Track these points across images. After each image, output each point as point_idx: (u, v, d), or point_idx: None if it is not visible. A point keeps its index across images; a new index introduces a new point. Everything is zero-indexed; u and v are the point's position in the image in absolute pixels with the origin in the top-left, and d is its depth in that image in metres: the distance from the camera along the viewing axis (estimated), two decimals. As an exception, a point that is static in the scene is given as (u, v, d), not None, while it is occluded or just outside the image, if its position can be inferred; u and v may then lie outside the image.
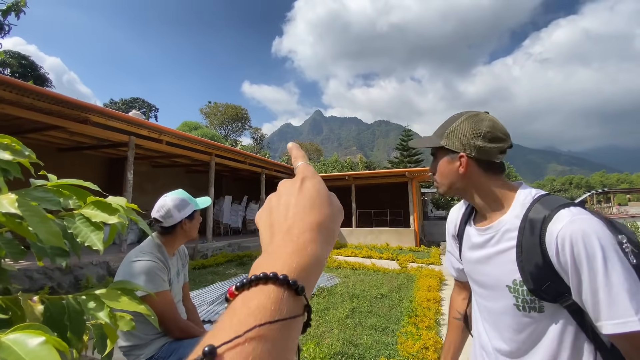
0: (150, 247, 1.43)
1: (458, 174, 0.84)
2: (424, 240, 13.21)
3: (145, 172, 11.19)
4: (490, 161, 0.81)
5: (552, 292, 0.70)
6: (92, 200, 0.50)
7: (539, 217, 0.72)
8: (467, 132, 0.82)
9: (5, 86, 4.73)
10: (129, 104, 39.01)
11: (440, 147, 0.87)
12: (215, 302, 4.40)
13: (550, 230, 0.69)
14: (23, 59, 19.92)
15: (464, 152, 0.82)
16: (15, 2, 4.79)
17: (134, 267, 1.31)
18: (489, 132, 0.80)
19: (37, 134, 7.08)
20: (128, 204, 0.55)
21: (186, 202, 1.50)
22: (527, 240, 0.73)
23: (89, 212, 0.49)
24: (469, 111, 0.86)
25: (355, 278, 6.08)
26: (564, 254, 0.66)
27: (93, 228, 0.47)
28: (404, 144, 34.41)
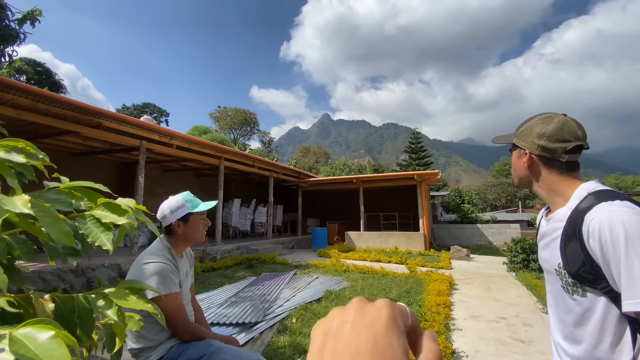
0: (160, 249, 1.44)
1: (524, 168, 0.96)
2: (433, 244, 13.06)
3: (156, 175, 11.37)
4: (554, 159, 0.89)
5: (589, 277, 0.76)
6: (102, 201, 0.51)
7: (585, 207, 0.79)
8: (534, 131, 0.92)
9: (21, 92, 4.89)
10: (141, 109, 39.77)
11: (513, 143, 0.99)
12: (224, 304, 4.42)
13: (586, 219, 0.77)
14: (38, 66, 20.52)
15: (529, 150, 0.93)
16: (31, 11, 4.97)
17: (146, 269, 1.32)
18: (554, 134, 0.88)
19: (52, 139, 7.28)
20: (137, 205, 0.56)
21: (181, 204, 1.50)
22: (570, 228, 0.81)
23: (99, 213, 0.50)
24: (545, 113, 0.95)
25: (364, 282, 6.04)
26: (594, 240, 0.73)
27: (103, 229, 0.49)
28: (413, 146, 34.19)
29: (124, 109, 39.57)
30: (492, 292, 5.73)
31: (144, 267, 1.34)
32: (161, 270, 1.33)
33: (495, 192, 33.12)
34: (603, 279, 0.74)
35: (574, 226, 0.79)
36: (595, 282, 0.75)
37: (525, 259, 7.70)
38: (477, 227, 14.86)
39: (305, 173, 15.36)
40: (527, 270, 7.46)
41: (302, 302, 4.55)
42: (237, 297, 4.77)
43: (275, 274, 6.56)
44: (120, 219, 0.48)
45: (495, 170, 47.18)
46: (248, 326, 3.67)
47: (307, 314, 4.12)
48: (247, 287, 5.49)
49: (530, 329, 3.92)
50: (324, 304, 4.54)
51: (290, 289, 5.33)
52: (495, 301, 5.12)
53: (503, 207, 31.09)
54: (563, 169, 0.89)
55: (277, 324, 3.81)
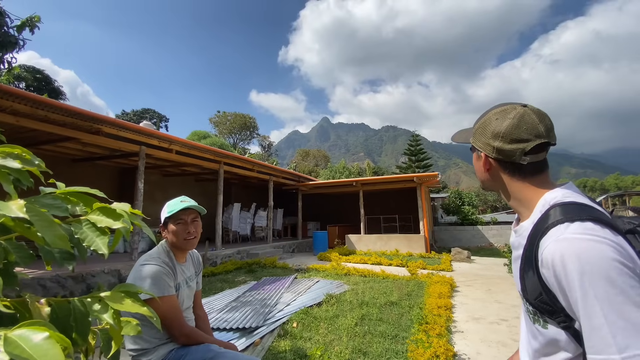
0: (159, 252, 1.46)
1: (484, 172, 0.83)
2: (434, 246, 13.03)
3: (156, 181, 11.39)
4: (513, 162, 0.76)
5: (547, 308, 0.66)
6: (98, 206, 0.52)
7: (542, 227, 0.68)
8: (488, 130, 0.78)
9: (20, 99, 4.91)
10: (140, 114, 39.87)
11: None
12: (224, 309, 4.40)
13: (540, 245, 0.66)
14: (37, 73, 20.60)
15: (484, 152, 0.80)
16: (30, 18, 4.99)
17: (141, 271, 1.35)
18: (509, 132, 0.74)
19: (51, 146, 7.30)
20: (132, 209, 0.56)
21: (164, 211, 1.54)
22: (528, 251, 0.70)
23: (95, 218, 0.50)
24: (502, 104, 0.80)
25: (365, 285, 6.02)
26: (548, 274, 0.63)
27: (98, 233, 0.49)
28: (412, 149, 34.23)
29: (123, 114, 39.69)
30: (494, 293, 5.71)
31: (139, 269, 1.37)
32: (155, 272, 1.35)
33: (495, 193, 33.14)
34: (561, 312, 0.63)
35: (531, 250, 0.68)
36: (553, 315, 0.65)
37: (526, 260, 7.69)
38: (478, 228, 14.85)
39: (304, 176, 15.38)
40: (528, 271, 7.46)
41: (303, 306, 4.53)
42: (237, 302, 4.76)
43: (275, 278, 6.54)
44: (116, 223, 0.49)
45: (494, 171, 47.15)
46: (249, 331, 3.65)
47: (307, 318, 4.11)
48: (247, 291, 5.47)
49: (532, 330, 3.91)
50: (324, 307, 4.53)
51: (291, 293, 5.31)
52: (496, 303, 5.10)
53: (503, 209, 31.06)
54: (526, 173, 0.76)
55: (278, 328, 3.80)
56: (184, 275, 1.55)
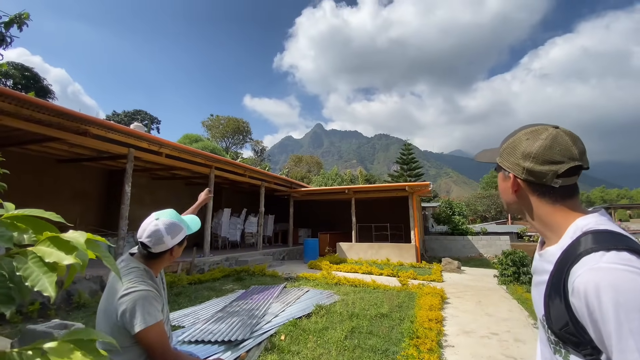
0: (141, 274, 1.29)
1: (510, 194, 0.80)
2: (425, 255, 13.02)
3: (144, 184, 11.15)
4: (544, 185, 0.73)
5: (573, 339, 0.63)
6: (48, 235, 0.43)
7: (573, 254, 0.65)
8: (518, 150, 0.76)
9: (4, 97, 4.74)
10: (132, 116, 39.30)
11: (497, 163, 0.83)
12: (210, 320, 4.25)
13: (572, 273, 0.63)
14: (26, 71, 20.17)
15: (513, 173, 0.77)
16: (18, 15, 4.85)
17: (127, 301, 1.18)
18: (541, 154, 0.72)
19: (36, 145, 7.08)
20: (93, 237, 0.48)
21: (179, 227, 1.36)
22: (556, 277, 0.67)
23: (43, 250, 0.42)
24: (532, 125, 0.78)
25: (355, 295, 5.93)
26: (579, 301, 0.60)
27: (46, 269, 0.41)
28: (404, 157, 34.49)
29: (114, 115, 39.08)
30: (484, 306, 5.68)
31: (123, 299, 1.19)
32: (145, 298, 1.20)
33: (485, 203, 33.48)
34: (588, 344, 0.60)
35: (560, 277, 0.65)
36: (579, 346, 0.62)
37: (516, 272, 7.70)
38: (468, 238, 14.92)
39: (297, 183, 15.28)
40: (518, 283, 7.45)
41: (292, 317, 4.42)
42: (224, 312, 4.61)
43: (264, 287, 6.40)
44: (67, 257, 0.41)
45: (484, 182, 47.83)
46: (234, 344, 3.52)
47: (296, 330, 4.00)
48: (234, 301, 5.32)
49: (522, 345, 3.87)
50: (314, 319, 4.42)
51: (280, 303, 5.19)
52: (487, 316, 5.07)
53: (493, 219, 31.40)
54: (556, 196, 0.73)
55: (265, 341, 3.67)
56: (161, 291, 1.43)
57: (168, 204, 12.28)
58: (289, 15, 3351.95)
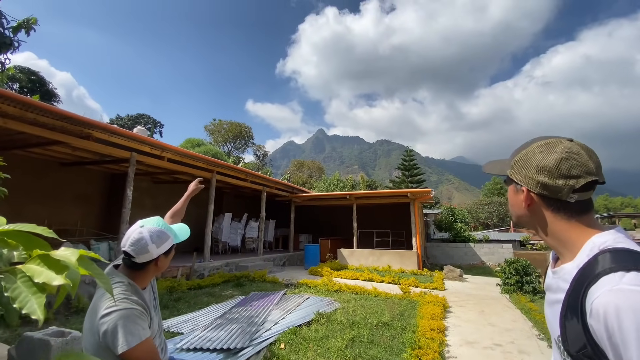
0: (123, 291, 1.21)
1: (523, 208, 0.77)
2: (426, 263, 12.92)
3: (146, 187, 11.16)
4: (559, 200, 0.71)
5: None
6: (39, 254, 0.41)
7: (591, 273, 0.62)
8: (531, 163, 0.73)
9: (9, 101, 4.77)
10: (135, 119, 39.54)
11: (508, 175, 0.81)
12: (210, 327, 4.21)
13: (590, 293, 0.60)
14: (32, 75, 20.38)
15: (526, 187, 0.75)
16: (26, 20, 4.90)
17: (107, 322, 1.11)
18: (557, 167, 0.69)
19: (40, 149, 7.11)
20: (87, 253, 0.46)
21: (165, 235, 1.28)
22: (572, 297, 0.64)
23: (33, 269, 0.40)
24: (544, 137, 0.76)
25: (356, 303, 5.86)
26: (598, 323, 0.57)
27: (35, 290, 0.39)
28: (406, 163, 34.46)
29: (117, 119, 39.34)
30: (487, 315, 5.60)
31: (103, 320, 1.11)
32: (126, 317, 1.13)
33: (487, 210, 33.30)
34: None
35: (577, 296, 0.63)
36: None
37: (519, 280, 7.62)
38: (470, 246, 14.80)
39: (298, 188, 15.26)
40: (521, 292, 7.37)
41: (292, 325, 4.36)
42: (223, 319, 4.57)
43: (264, 294, 6.34)
44: (57, 277, 0.39)
45: (486, 189, 47.62)
46: (233, 352, 3.48)
47: (296, 338, 3.94)
48: (234, 307, 5.27)
49: (527, 357, 3.80)
50: (314, 327, 4.37)
51: (280, 310, 5.14)
52: (490, 326, 4.99)
53: (495, 226, 31.19)
54: (572, 211, 0.70)
55: (265, 349, 3.63)
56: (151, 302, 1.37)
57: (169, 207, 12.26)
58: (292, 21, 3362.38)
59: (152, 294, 1.43)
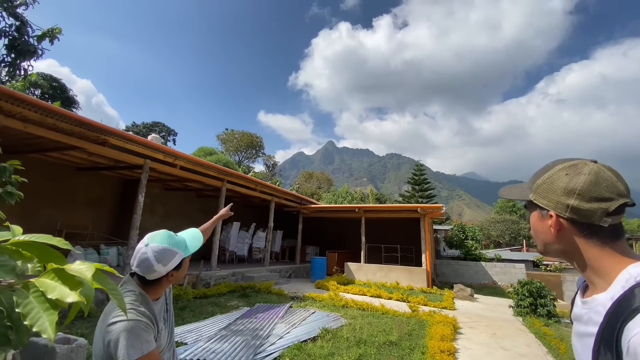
0: (131, 300, 1.19)
1: (551, 234, 0.72)
2: (435, 280, 12.61)
3: (157, 194, 11.29)
4: (591, 224, 0.66)
5: None
6: (53, 267, 0.40)
7: (627, 307, 0.58)
8: (557, 186, 0.69)
9: (31, 106, 4.92)
10: (150, 127, 40.49)
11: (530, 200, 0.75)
12: (214, 338, 4.14)
13: (627, 330, 0.56)
14: (54, 81, 21.16)
15: (554, 212, 0.70)
16: (51, 29, 5.10)
17: (112, 331, 1.10)
18: (587, 190, 0.66)
19: (57, 153, 7.29)
20: (102, 266, 0.44)
21: (172, 252, 1.24)
22: (607, 331, 0.60)
23: (47, 284, 0.38)
24: (566, 159, 0.73)
25: (363, 320, 5.72)
26: None
27: (47, 306, 0.37)
28: (416, 178, 34.16)
29: (133, 126, 40.34)
30: (499, 339, 5.39)
31: (109, 329, 1.10)
32: (130, 329, 1.10)
33: (499, 228, 32.56)
34: None
35: (612, 331, 0.58)
36: None
37: (533, 303, 7.34)
38: (481, 265, 14.41)
39: (307, 199, 15.23)
40: (535, 315, 7.09)
41: (297, 340, 4.26)
42: (228, 330, 4.50)
43: (269, 306, 6.25)
44: (71, 294, 0.37)
45: (498, 206, 46.69)
46: (237, 366, 3.40)
47: (300, 354, 3.84)
48: (239, 319, 5.20)
49: (543, 386, 3.61)
50: (319, 343, 4.25)
51: (285, 324, 5.04)
52: (502, 350, 4.79)
53: (507, 245, 30.42)
54: (605, 237, 0.66)
55: (269, 365, 3.54)
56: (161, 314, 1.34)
57: (179, 215, 12.36)
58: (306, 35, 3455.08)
59: (165, 305, 1.40)
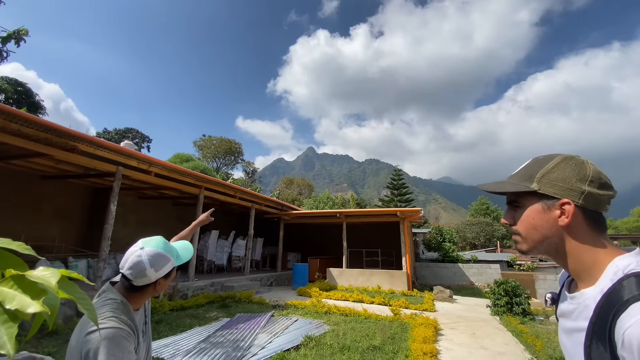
0: (113, 308, 1.14)
1: (556, 227, 0.68)
2: (416, 283, 12.80)
3: (130, 203, 10.82)
4: (598, 213, 0.67)
5: None
6: (12, 274, 0.35)
7: (617, 300, 0.58)
8: (569, 174, 0.68)
9: (-9, 111, 4.61)
10: (123, 133, 39.00)
11: (528, 192, 0.71)
12: (192, 351, 3.98)
13: (619, 323, 0.56)
14: (19, 86, 20.02)
15: (571, 199, 0.66)
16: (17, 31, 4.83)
17: (91, 341, 1.03)
18: (597, 177, 0.67)
19: (21, 161, 6.86)
20: (67, 272, 0.40)
21: (165, 259, 1.21)
22: (598, 324, 0.60)
23: (5, 292, 0.34)
24: (560, 153, 0.73)
25: (346, 325, 5.69)
26: (631, 355, 0.53)
27: (6, 318, 0.33)
28: (395, 183, 34.80)
29: (104, 132, 38.73)
30: (478, 338, 5.51)
31: (87, 338, 1.04)
32: (111, 337, 1.05)
33: (474, 231, 33.61)
34: None
35: (604, 325, 0.59)
36: None
37: (509, 302, 7.58)
38: (459, 266, 14.79)
39: (288, 205, 15.11)
40: (511, 314, 7.32)
41: (279, 349, 4.17)
42: (207, 343, 4.34)
43: (250, 315, 6.10)
44: (33, 304, 0.33)
45: (473, 209, 48.29)
46: (217, 379, 3.27)
47: (284, 364, 3.76)
48: (219, 330, 5.03)
49: (521, 383, 3.71)
50: (302, 352, 4.18)
51: (267, 334, 4.92)
52: (482, 349, 4.90)
53: (482, 246, 31.42)
54: (602, 228, 0.67)
55: (251, 376, 3.43)
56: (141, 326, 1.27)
57: (154, 224, 11.90)
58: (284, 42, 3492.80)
59: (144, 317, 1.33)
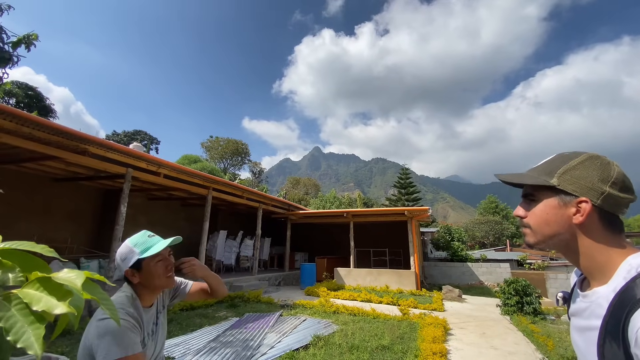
0: (122, 302, 1.20)
1: (569, 224, 0.69)
2: (424, 283, 12.71)
3: (140, 204, 10.97)
4: (615, 215, 0.67)
5: None
6: (38, 276, 0.36)
7: (631, 298, 0.58)
8: (592, 174, 0.68)
9: (5, 115, 4.71)
10: (132, 135, 39.52)
11: (546, 187, 0.71)
12: (202, 351, 4.02)
13: (633, 321, 0.55)
14: (30, 90, 20.42)
15: (589, 198, 0.67)
16: (27, 36, 4.94)
17: (99, 328, 1.08)
18: (620, 180, 0.66)
19: (33, 164, 7.00)
20: (92, 275, 0.41)
21: (129, 250, 1.26)
22: (612, 323, 0.59)
23: (31, 294, 0.35)
24: (579, 152, 0.72)
25: (354, 325, 5.68)
26: None
27: (33, 319, 0.34)
28: (402, 182, 34.61)
29: (114, 135, 39.29)
30: (489, 338, 5.45)
31: (97, 325, 1.09)
32: (116, 327, 1.08)
33: (483, 229, 33.27)
34: None
35: (617, 323, 0.58)
36: None
37: (519, 301, 7.49)
38: (468, 265, 14.65)
39: (295, 205, 15.14)
40: (522, 313, 7.22)
41: (288, 349, 4.19)
42: (217, 342, 4.37)
43: (259, 315, 6.13)
44: (59, 305, 0.34)
45: (482, 207, 47.79)
46: (227, 378, 3.30)
47: (293, 363, 3.77)
48: (228, 329, 5.07)
49: (533, 383, 3.66)
50: (311, 351, 4.19)
51: (276, 333, 4.94)
52: (492, 349, 4.84)
53: (491, 245, 31.08)
54: (618, 229, 0.67)
55: (260, 375, 3.45)
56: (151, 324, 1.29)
57: (163, 224, 12.04)
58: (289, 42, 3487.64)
59: (156, 317, 1.35)
